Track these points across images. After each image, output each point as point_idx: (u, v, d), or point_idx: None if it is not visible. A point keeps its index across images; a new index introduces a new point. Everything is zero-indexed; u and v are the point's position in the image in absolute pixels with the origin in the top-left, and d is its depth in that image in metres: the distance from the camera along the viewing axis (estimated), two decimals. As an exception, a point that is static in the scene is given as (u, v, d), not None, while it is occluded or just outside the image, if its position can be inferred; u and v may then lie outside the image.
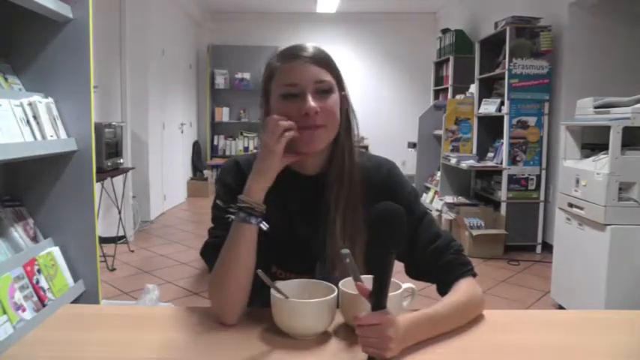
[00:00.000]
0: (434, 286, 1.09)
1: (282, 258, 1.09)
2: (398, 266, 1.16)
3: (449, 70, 5.92)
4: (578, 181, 2.78)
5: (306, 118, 0.99)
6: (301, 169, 1.10)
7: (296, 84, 1.00)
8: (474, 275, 1.07)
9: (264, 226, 1.00)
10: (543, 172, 4.31)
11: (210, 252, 1.05)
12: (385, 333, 0.82)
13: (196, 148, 7.55)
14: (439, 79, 6.49)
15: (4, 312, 1.51)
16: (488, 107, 4.69)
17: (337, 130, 1.06)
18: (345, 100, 1.08)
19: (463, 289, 1.01)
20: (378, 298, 0.83)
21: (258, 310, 1.04)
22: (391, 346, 0.82)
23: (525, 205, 4.33)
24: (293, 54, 1.02)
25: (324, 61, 1.03)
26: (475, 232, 4.18)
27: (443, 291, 1.04)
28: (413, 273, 1.11)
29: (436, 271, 1.06)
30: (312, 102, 0.99)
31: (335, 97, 1.03)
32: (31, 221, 1.88)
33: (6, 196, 1.85)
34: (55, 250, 1.87)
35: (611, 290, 2.52)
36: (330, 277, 1.01)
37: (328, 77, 1.02)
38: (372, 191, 1.07)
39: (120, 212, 4.20)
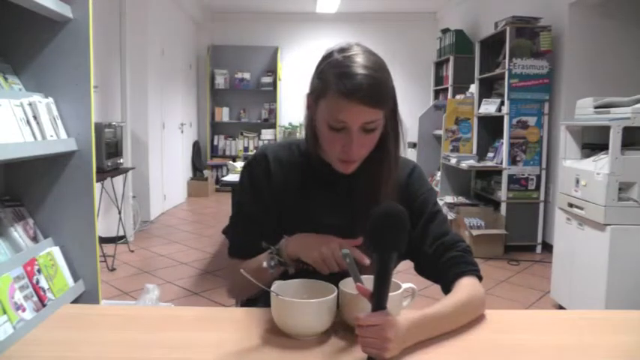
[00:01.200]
0: (434, 286, 1.09)
1: None
2: (399, 266, 1.17)
3: (449, 70, 5.92)
4: (578, 181, 2.78)
5: (346, 154, 1.01)
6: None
7: (345, 122, 0.97)
8: (479, 277, 1.06)
9: (292, 270, 1.04)
10: (543, 172, 4.31)
11: (232, 233, 1.18)
12: (385, 334, 0.82)
13: (196, 148, 7.55)
14: (439, 79, 6.49)
15: (4, 312, 1.51)
16: (488, 107, 4.69)
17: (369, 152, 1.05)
18: (393, 108, 1.05)
19: (464, 288, 1.01)
20: (378, 298, 0.84)
21: (258, 310, 1.04)
22: (390, 347, 0.82)
23: (525, 205, 4.33)
24: (351, 90, 0.95)
25: (379, 97, 0.97)
26: (475, 232, 4.18)
27: (446, 289, 1.05)
28: (420, 270, 1.12)
29: (439, 268, 1.07)
30: (355, 147, 0.99)
31: (377, 131, 1.01)
32: (31, 221, 1.88)
33: (6, 196, 1.85)
34: (55, 250, 1.87)
35: (611, 290, 2.52)
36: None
37: (378, 115, 0.99)
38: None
39: (120, 212, 4.20)
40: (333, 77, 0.97)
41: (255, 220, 1.12)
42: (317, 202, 1.09)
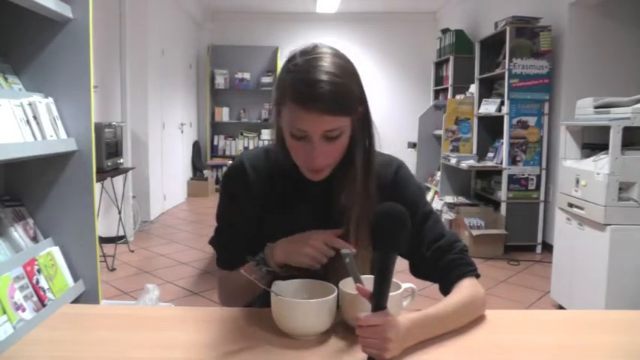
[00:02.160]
0: (434, 286, 1.09)
1: None
2: (399, 266, 1.16)
3: (449, 70, 5.92)
4: (578, 181, 2.78)
5: (309, 163, 0.98)
6: None
7: (305, 131, 0.94)
8: (477, 276, 1.06)
9: (282, 274, 1.03)
10: (543, 172, 4.31)
11: (217, 245, 1.15)
12: (385, 334, 0.82)
13: (196, 148, 7.55)
14: (439, 79, 6.49)
15: (4, 312, 1.51)
16: (489, 107, 4.69)
17: (340, 158, 1.02)
18: (362, 114, 1.01)
19: (465, 289, 1.01)
20: (378, 299, 0.83)
21: (258, 310, 1.04)
22: (390, 347, 0.82)
23: (525, 205, 4.33)
24: (308, 99, 0.91)
25: (340, 105, 0.93)
26: (475, 232, 4.18)
27: (445, 291, 1.04)
28: (416, 272, 1.11)
29: (438, 270, 1.06)
30: (318, 156, 0.95)
31: (343, 138, 0.97)
32: (31, 221, 1.88)
33: (6, 196, 1.85)
34: (55, 250, 1.87)
35: (611, 290, 2.52)
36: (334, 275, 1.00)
37: (341, 122, 0.95)
38: (380, 188, 1.06)
39: (120, 212, 4.20)
40: (290, 85, 0.94)
41: (238, 231, 1.11)
42: (295, 207, 1.08)
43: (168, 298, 3.14)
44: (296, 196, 1.07)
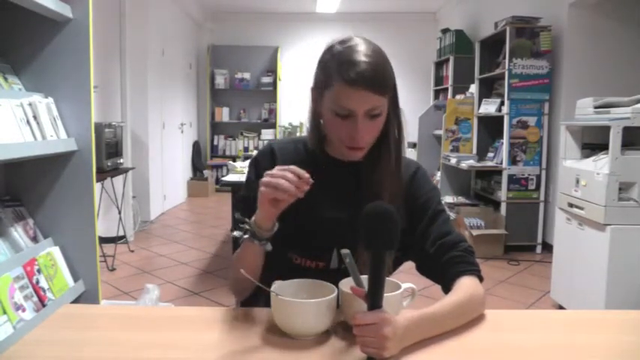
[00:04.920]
0: (434, 286, 1.09)
1: (303, 242, 1.11)
2: (398, 266, 1.17)
3: (449, 70, 5.92)
4: (578, 181, 2.78)
5: (352, 141, 1.03)
6: (343, 157, 1.11)
7: (351, 109, 1.00)
8: (480, 278, 1.06)
9: (268, 247, 1.03)
10: (543, 172, 4.31)
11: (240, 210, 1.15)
12: (382, 332, 0.82)
13: (196, 148, 7.55)
14: (439, 79, 6.49)
15: (4, 312, 1.50)
16: (488, 107, 4.69)
17: (376, 138, 1.08)
18: (394, 97, 1.08)
19: (464, 288, 1.01)
20: (373, 298, 0.83)
21: (258, 310, 1.04)
22: (388, 345, 0.82)
23: (525, 205, 4.33)
24: (355, 78, 0.98)
25: (382, 83, 1.01)
26: (475, 232, 4.18)
27: (445, 288, 1.05)
28: (421, 269, 1.11)
29: (440, 267, 1.06)
30: (361, 132, 1.01)
31: (382, 117, 1.04)
32: (31, 221, 1.88)
33: (6, 196, 1.85)
34: (55, 250, 1.87)
35: (611, 290, 2.52)
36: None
37: (382, 101, 1.02)
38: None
39: (120, 212, 4.20)
40: (336, 67, 1.01)
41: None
42: (322, 195, 1.08)
43: (168, 298, 3.14)
44: (323, 185, 1.08)
